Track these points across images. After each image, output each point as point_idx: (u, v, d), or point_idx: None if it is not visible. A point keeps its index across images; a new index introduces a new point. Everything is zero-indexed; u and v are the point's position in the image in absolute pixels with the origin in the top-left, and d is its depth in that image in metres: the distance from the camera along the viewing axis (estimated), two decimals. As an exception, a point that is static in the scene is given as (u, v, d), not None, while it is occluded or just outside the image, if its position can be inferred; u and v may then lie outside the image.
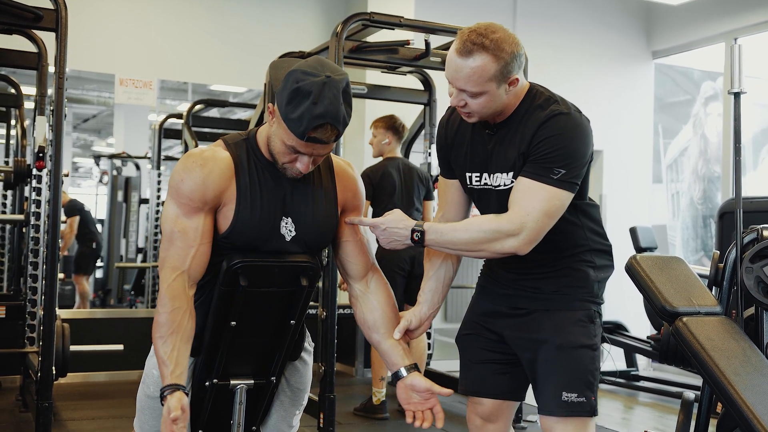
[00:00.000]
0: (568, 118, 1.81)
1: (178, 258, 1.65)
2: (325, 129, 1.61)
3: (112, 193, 7.58)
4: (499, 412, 2.05)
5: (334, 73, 1.62)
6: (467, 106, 1.82)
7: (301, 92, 1.59)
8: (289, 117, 1.60)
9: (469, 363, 2.07)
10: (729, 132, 5.94)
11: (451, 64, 1.80)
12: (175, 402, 1.57)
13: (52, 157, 3.35)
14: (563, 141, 1.79)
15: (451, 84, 1.83)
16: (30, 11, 3.37)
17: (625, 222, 5.90)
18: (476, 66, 1.75)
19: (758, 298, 2.12)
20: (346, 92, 1.63)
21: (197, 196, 1.65)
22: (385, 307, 1.84)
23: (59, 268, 3.48)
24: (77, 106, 8.23)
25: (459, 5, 5.90)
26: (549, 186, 1.79)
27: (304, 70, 1.62)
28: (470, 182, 1.96)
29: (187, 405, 1.59)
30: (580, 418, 1.89)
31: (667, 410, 4.91)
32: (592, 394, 1.90)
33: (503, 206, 1.87)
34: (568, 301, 1.93)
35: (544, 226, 1.80)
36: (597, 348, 1.94)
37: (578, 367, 1.89)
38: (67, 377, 3.77)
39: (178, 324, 1.62)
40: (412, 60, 4.14)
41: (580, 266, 1.92)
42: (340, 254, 1.86)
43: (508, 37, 1.77)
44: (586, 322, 1.93)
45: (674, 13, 6.52)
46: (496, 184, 1.90)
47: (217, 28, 5.72)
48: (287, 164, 1.68)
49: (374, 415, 4.16)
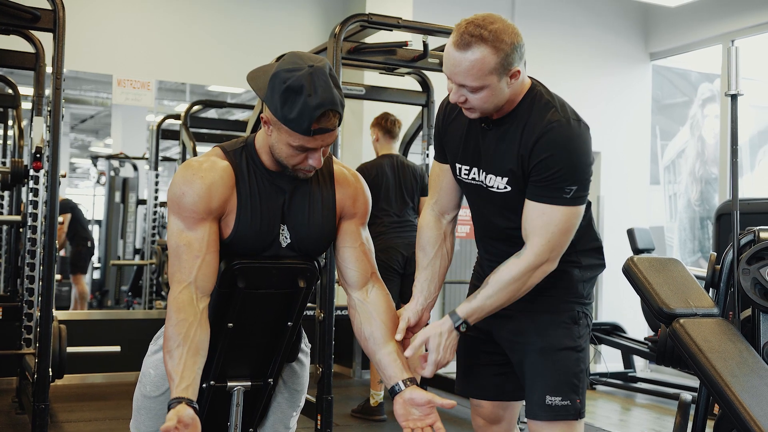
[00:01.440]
0: (567, 130, 1.75)
1: (185, 270, 1.61)
2: (327, 116, 1.59)
3: (110, 194, 7.58)
4: (500, 412, 2.04)
5: (315, 61, 1.61)
6: (468, 101, 1.76)
7: (293, 90, 1.57)
8: (289, 118, 1.58)
9: (466, 365, 2.06)
10: (726, 134, 5.95)
11: (449, 58, 1.73)
12: (171, 414, 1.50)
13: (50, 158, 3.34)
14: (567, 157, 1.74)
15: (450, 79, 1.76)
16: (27, 11, 3.37)
17: (623, 223, 5.92)
18: (475, 59, 1.68)
19: (755, 299, 2.12)
20: (332, 76, 1.61)
21: (201, 207, 1.63)
22: (384, 318, 1.78)
23: (56, 269, 3.47)
24: (75, 106, 8.22)
25: (457, 6, 5.90)
26: (564, 207, 1.76)
27: (287, 68, 1.60)
28: (459, 173, 1.92)
29: (188, 417, 1.50)
30: (565, 421, 1.87)
31: (665, 412, 4.91)
32: (577, 397, 1.87)
33: (500, 207, 1.86)
34: (552, 303, 1.90)
35: (567, 241, 1.80)
36: (582, 349, 1.91)
37: (562, 369, 1.87)
38: (63, 379, 3.75)
39: (183, 336, 1.57)
40: (410, 61, 4.14)
41: (563, 266, 1.87)
42: (339, 261, 1.82)
43: (507, 27, 1.70)
44: (570, 324, 1.90)
45: (672, 15, 6.53)
46: (490, 185, 1.85)
47: (215, 29, 5.71)
48: (298, 166, 1.66)
49: (372, 417, 4.16)
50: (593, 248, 1.98)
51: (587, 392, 5.42)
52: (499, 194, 1.85)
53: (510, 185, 1.82)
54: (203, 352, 1.60)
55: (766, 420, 1.81)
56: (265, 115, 1.65)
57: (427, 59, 4.09)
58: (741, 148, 5.99)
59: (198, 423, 1.52)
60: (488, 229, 1.97)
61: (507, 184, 1.82)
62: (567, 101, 1.86)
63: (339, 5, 5.96)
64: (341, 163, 1.84)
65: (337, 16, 5.74)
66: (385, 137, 4.28)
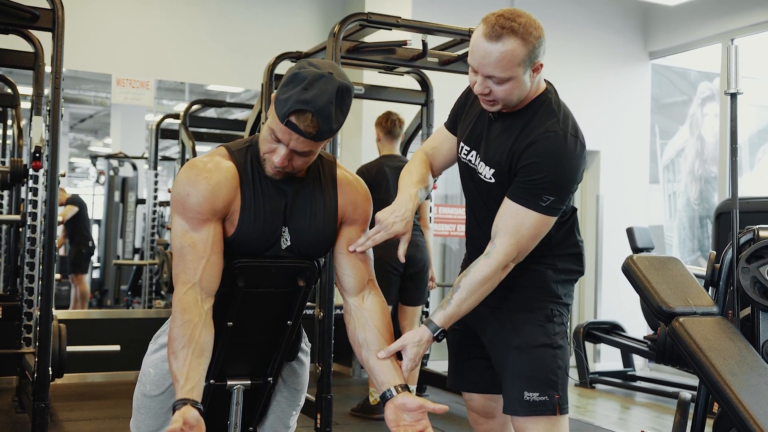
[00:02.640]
0: (560, 143, 1.80)
1: (190, 271, 1.61)
2: (305, 117, 1.57)
3: (109, 194, 7.58)
4: (492, 405, 2.07)
5: (337, 75, 1.61)
6: (492, 93, 1.80)
7: (297, 78, 1.58)
8: (279, 98, 1.60)
9: (456, 361, 2.10)
10: (726, 132, 5.95)
11: (477, 49, 1.77)
12: (176, 416, 1.48)
13: (49, 157, 3.34)
14: (553, 169, 1.80)
15: (475, 71, 1.80)
16: (27, 11, 3.36)
17: (622, 222, 5.92)
18: (506, 50, 1.74)
19: (754, 298, 2.12)
20: (342, 95, 1.60)
21: (206, 208, 1.62)
22: (379, 325, 1.77)
23: (56, 268, 3.47)
24: (74, 106, 8.22)
25: (456, 6, 5.90)
26: (537, 213, 1.82)
27: (311, 62, 1.62)
28: (460, 151, 1.99)
29: (192, 419, 1.48)
30: (546, 416, 1.89)
31: (664, 410, 4.91)
32: (556, 392, 1.89)
33: (485, 197, 1.92)
34: (526, 301, 1.95)
35: (533, 246, 1.87)
36: (559, 346, 1.93)
37: (538, 366, 1.90)
38: (63, 378, 3.76)
39: (189, 338, 1.56)
40: (409, 60, 4.14)
41: (538, 267, 1.93)
42: (336, 266, 1.82)
43: (533, 21, 1.79)
44: (544, 322, 1.94)
45: (671, 14, 6.53)
46: (480, 171, 1.92)
47: (214, 28, 5.71)
48: (267, 155, 1.66)
49: (371, 416, 4.16)
50: (572, 254, 2.00)
51: (586, 391, 5.45)
52: (485, 183, 1.91)
53: (494, 177, 1.88)
54: (207, 353, 1.60)
55: (765, 418, 1.81)
56: (274, 94, 1.66)
57: (426, 58, 4.09)
58: (740, 147, 5.99)
59: (203, 424, 1.51)
60: (474, 216, 2.03)
61: (493, 175, 1.88)
62: (570, 109, 1.91)
63: (338, 4, 5.96)
64: (345, 168, 1.84)
65: (336, 16, 5.74)
66: (387, 137, 4.28)
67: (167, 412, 1.77)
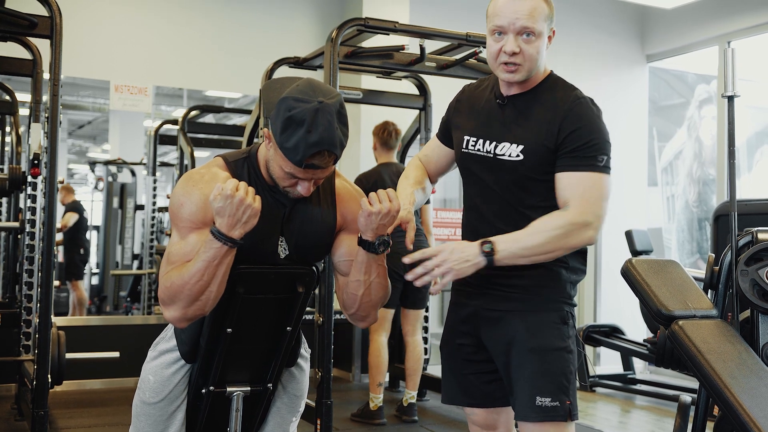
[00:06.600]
0: (591, 107, 1.88)
1: (178, 258, 1.64)
2: (322, 156, 1.61)
3: (108, 200, 7.57)
4: (495, 419, 2.03)
5: (327, 96, 1.61)
6: (521, 53, 1.84)
7: (294, 121, 1.58)
8: (285, 146, 1.60)
9: (456, 373, 2.03)
10: (723, 135, 5.96)
11: (505, 8, 1.84)
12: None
13: (47, 164, 3.34)
14: (596, 129, 1.85)
15: (504, 31, 1.84)
16: (24, 18, 3.37)
17: (621, 225, 5.92)
18: (534, 4, 1.84)
19: (754, 301, 2.12)
20: (340, 114, 1.62)
21: (198, 218, 1.64)
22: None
23: (54, 275, 3.47)
24: (72, 112, 8.22)
25: (453, 10, 5.91)
26: (599, 174, 1.85)
27: (296, 97, 1.60)
28: (465, 146, 1.96)
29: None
30: (556, 423, 1.86)
31: (664, 413, 4.91)
32: (567, 398, 1.86)
33: (506, 181, 1.89)
34: (541, 302, 1.91)
35: (605, 210, 1.87)
36: (571, 350, 1.91)
37: (552, 370, 1.86)
38: (62, 385, 3.75)
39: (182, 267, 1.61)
40: (407, 65, 4.15)
41: (552, 266, 1.90)
42: (337, 274, 1.84)
43: None
44: (560, 324, 1.90)
45: (668, 17, 6.55)
46: (500, 154, 1.89)
47: (212, 34, 5.72)
48: (288, 188, 1.68)
49: (371, 421, 4.16)
50: (580, 252, 1.98)
51: (587, 394, 5.44)
52: (507, 165, 1.89)
53: (523, 153, 1.87)
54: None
55: (765, 421, 1.81)
56: (267, 129, 1.66)
57: (424, 63, 4.10)
58: (738, 150, 6.00)
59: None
60: (487, 212, 1.96)
61: (521, 152, 1.87)
62: None
63: (336, 10, 5.97)
64: (344, 177, 1.86)
65: (334, 21, 5.75)
66: (383, 147, 4.35)
67: (167, 419, 1.77)
